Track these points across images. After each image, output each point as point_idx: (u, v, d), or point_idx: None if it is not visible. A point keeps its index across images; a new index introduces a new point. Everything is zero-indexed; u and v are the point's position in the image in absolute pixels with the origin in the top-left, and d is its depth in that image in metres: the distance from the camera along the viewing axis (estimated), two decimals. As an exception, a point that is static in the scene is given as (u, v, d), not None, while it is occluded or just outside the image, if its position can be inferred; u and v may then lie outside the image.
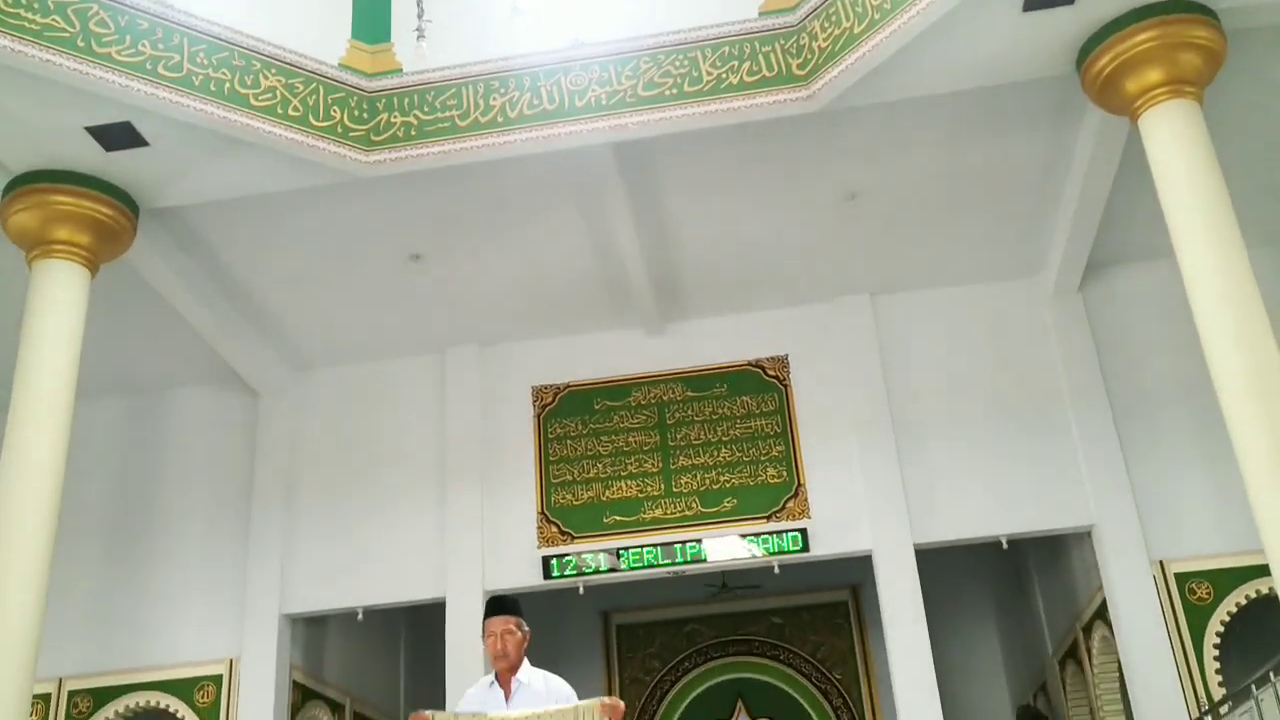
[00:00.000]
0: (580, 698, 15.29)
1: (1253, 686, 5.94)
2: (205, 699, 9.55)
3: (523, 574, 9.68)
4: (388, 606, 10.11)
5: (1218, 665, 8.58)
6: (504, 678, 4.71)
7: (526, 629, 4.84)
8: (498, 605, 4.87)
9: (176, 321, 9.26)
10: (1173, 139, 6.77)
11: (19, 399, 7.03)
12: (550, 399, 10.28)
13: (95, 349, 8.28)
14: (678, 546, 9.55)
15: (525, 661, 4.79)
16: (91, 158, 7.30)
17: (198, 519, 10.26)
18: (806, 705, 13.49)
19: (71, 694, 9.61)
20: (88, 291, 7.49)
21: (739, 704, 13.71)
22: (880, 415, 9.69)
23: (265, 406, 10.48)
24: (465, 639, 9.44)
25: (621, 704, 4.44)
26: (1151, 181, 6.96)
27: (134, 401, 10.68)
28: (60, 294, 7.30)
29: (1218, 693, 8.20)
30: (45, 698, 9.44)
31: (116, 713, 9.57)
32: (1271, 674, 5.71)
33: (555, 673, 15.34)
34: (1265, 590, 8.46)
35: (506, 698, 4.62)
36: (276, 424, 10.41)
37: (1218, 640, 8.68)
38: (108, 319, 8.75)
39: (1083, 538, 9.54)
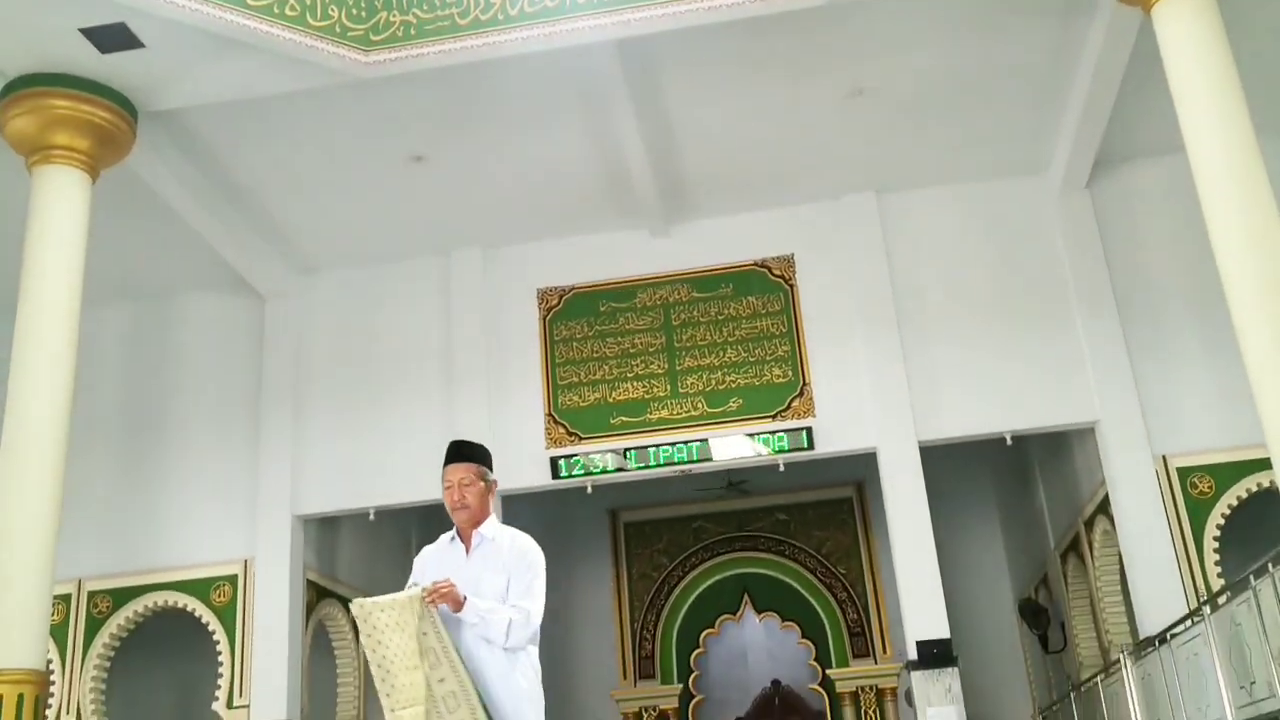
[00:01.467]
0: (588, 593, 15.54)
1: (1251, 577, 6.02)
2: (222, 598, 9.74)
3: (531, 474, 9.79)
4: (398, 507, 10.25)
5: (1217, 558, 8.71)
6: (464, 532, 4.18)
7: (492, 478, 4.24)
8: (455, 451, 4.22)
9: (180, 226, 9.24)
10: (1186, 29, 6.64)
11: (25, 304, 7.05)
12: (555, 301, 10.28)
13: (100, 255, 8.27)
14: (684, 446, 9.64)
15: (493, 517, 4.23)
16: (87, 60, 7.20)
17: (208, 423, 10.36)
18: (811, 599, 13.74)
19: (91, 594, 9.81)
20: (89, 196, 7.46)
21: (745, 598, 13.96)
22: (885, 313, 9.70)
23: (271, 310, 10.50)
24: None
25: (444, 583, 3.87)
26: (1162, 74, 6.85)
27: (141, 307, 10.71)
28: (61, 199, 7.27)
29: (1216, 584, 8.33)
30: (66, 598, 9.64)
31: (136, 612, 9.78)
32: (1270, 565, 5.77)
33: (565, 571, 15.60)
34: (1266, 484, 8.54)
35: (467, 552, 4.16)
36: (283, 327, 10.44)
37: (1218, 533, 8.79)
38: (112, 225, 8.72)
39: (1086, 433, 9.60)
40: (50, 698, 9.27)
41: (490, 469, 4.26)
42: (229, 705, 9.52)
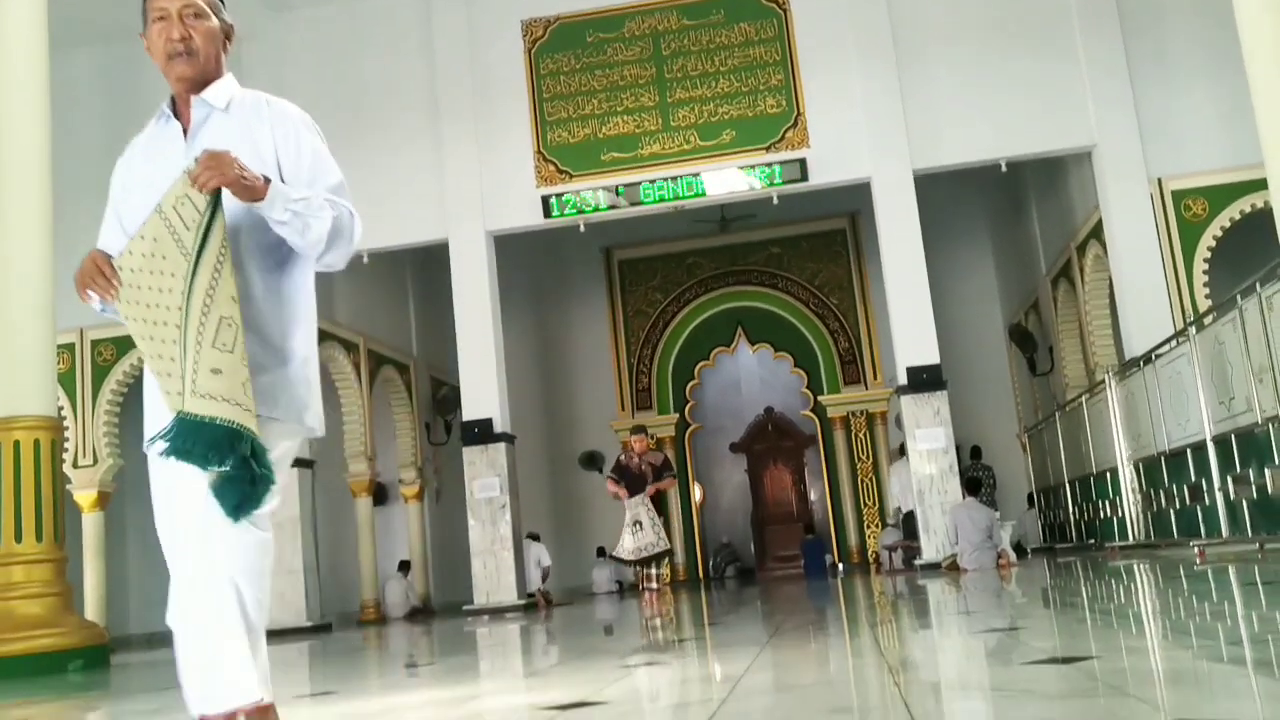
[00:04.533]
0: (585, 330, 15.71)
1: (1238, 297, 6.11)
2: (223, 343, 9.88)
3: (523, 214, 9.75)
4: (391, 250, 10.26)
5: (1206, 279, 8.82)
6: (184, 100, 2.32)
7: (229, 21, 2.38)
8: None
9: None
10: None
11: (-8, 49, 6.81)
12: (541, 33, 9.94)
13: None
14: (677, 181, 9.55)
15: (229, 76, 2.37)
16: None
17: (193, 169, 10.22)
18: (803, 329, 13.99)
19: (94, 343, 9.95)
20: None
21: (738, 330, 14.21)
22: (881, 39, 9.40)
23: (246, 51, 10.13)
24: (468, 279, 9.65)
25: (218, 151, 2.01)
26: None
27: (113, 51, 10.35)
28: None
29: (1204, 306, 8.46)
30: (70, 347, 9.79)
31: (139, 359, 9.93)
32: (1258, 284, 5.85)
33: (562, 310, 15.68)
34: (1260, 204, 8.53)
35: (185, 134, 2.29)
36: (259, 69, 10.10)
37: (1208, 255, 8.87)
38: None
39: (1082, 159, 9.51)
40: (66, 442, 9.57)
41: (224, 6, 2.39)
42: (240, 445, 9.82)
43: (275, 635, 9.01)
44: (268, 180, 2.09)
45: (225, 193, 2.03)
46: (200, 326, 1.97)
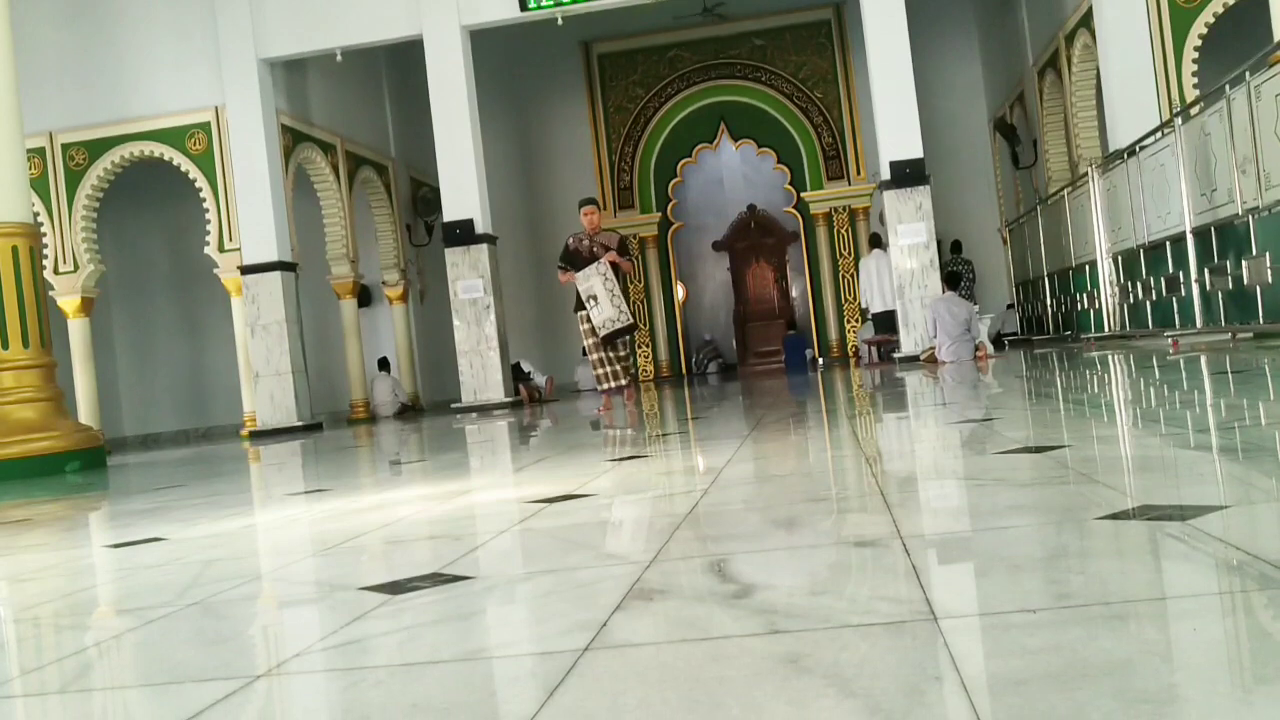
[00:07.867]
0: (564, 128, 15.58)
1: (1226, 87, 6.03)
2: (198, 147, 9.71)
3: (499, 8, 9.46)
4: (365, 46, 9.97)
5: (1195, 70, 8.67)
6: None
7: None
8: None
9: None
10: None
11: None
12: None
13: None
14: (656, -30, 9.24)
15: None
16: None
17: (154, -37, 9.84)
18: (787, 124, 13.78)
19: (65, 147, 9.76)
20: None
21: (721, 126, 13.99)
22: None
23: None
24: (444, 76, 9.43)
25: None
26: None
27: None
28: None
29: (1191, 96, 8.35)
30: (40, 151, 9.60)
31: (113, 163, 9.77)
32: (1247, 74, 5.77)
33: (539, 107, 15.59)
34: (1254, -11, 8.33)
35: None
36: None
37: (1198, 44, 8.69)
38: None
39: (1075, -58, 9.22)
40: (45, 249, 9.50)
41: None
42: (220, 249, 9.78)
43: (267, 435, 9.20)
44: None
45: None
46: None
